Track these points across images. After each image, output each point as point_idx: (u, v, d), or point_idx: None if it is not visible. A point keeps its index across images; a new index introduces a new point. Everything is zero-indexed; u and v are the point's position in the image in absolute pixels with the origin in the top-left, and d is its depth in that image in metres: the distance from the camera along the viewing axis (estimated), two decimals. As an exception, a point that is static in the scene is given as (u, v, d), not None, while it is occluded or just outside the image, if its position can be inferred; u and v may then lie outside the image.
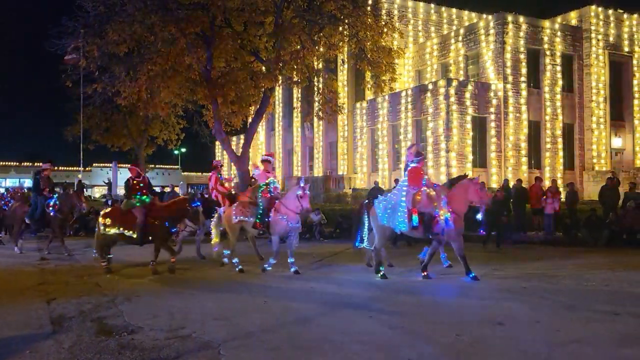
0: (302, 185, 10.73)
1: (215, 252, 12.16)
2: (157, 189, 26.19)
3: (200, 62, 21.94)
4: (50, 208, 14.22)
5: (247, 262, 11.76)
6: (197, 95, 23.53)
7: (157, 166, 64.59)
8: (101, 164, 65.15)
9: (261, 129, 38.92)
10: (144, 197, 11.10)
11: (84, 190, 35.51)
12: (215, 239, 12.19)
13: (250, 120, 26.43)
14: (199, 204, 11.78)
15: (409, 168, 10.08)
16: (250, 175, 15.86)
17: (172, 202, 11.72)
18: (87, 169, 59.41)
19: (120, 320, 7.05)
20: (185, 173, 75.48)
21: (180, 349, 5.75)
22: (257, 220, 11.00)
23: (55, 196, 14.56)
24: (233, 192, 13.88)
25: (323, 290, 9.21)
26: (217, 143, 41.27)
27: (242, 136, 35.81)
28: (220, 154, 46.16)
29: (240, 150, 26.14)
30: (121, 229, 10.78)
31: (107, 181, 40.60)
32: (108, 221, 10.87)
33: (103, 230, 10.95)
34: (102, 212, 11.27)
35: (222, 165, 15.45)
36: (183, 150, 66.33)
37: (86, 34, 21.80)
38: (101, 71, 23.64)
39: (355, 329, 6.51)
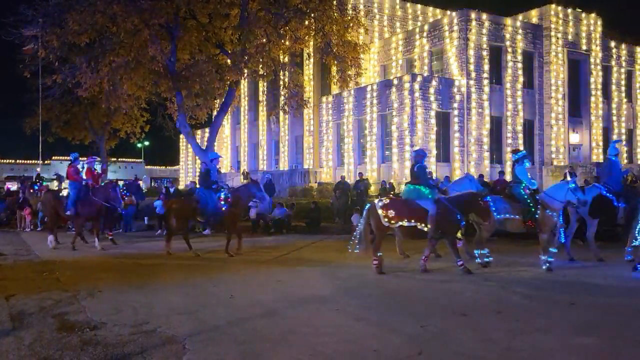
0: None
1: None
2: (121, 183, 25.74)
3: (164, 54, 21.59)
4: (222, 202, 12.75)
5: (210, 256, 11.69)
6: (161, 88, 23.15)
7: (120, 159, 63.40)
8: (61, 157, 63.58)
9: (226, 122, 38.58)
10: (425, 189, 10.22)
11: (42, 183, 34.62)
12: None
13: (215, 113, 26.16)
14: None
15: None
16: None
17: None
18: (46, 162, 57.86)
19: (83, 316, 6.93)
20: (149, 167, 74.33)
21: (144, 344, 5.69)
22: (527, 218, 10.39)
23: (223, 189, 13.13)
24: None
25: (289, 283, 9.23)
26: (182, 136, 40.78)
27: (207, 129, 35.45)
28: (184, 147, 45.65)
29: (206, 143, 25.87)
30: (412, 221, 9.95)
31: (55, 176, 39.54)
32: (391, 213, 9.98)
33: (387, 223, 10.02)
34: (380, 204, 10.08)
35: None
36: (146, 143, 65.21)
37: (45, 23, 21.18)
38: (61, 62, 23.02)
39: (322, 322, 6.56)
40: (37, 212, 23.44)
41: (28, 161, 59.07)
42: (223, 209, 12.68)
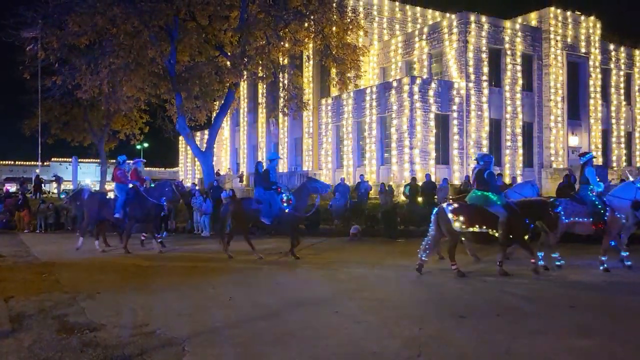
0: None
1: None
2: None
3: (164, 56, 21.65)
4: (285, 204, 12.48)
5: (214, 258, 11.70)
6: (161, 90, 23.21)
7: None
8: (60, 159, 63.56)
9: (226, 124, 38.60)
10: (493, 195, 10.07)
11: (42, 185, 34.66)
12: None
13: (214, 115, 26.18)
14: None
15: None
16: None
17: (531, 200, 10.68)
18: (45, 163, 57.82)
19: (82, 317, 6.93)
20: (148, 168, 74.28)
21: (144, 346, 5.69)
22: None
23: (283, 191, 12.75)
24: None
25: (288, 285, 9.24)
26: (181, 138, 40.78)
27: (206, 131, 35.45)
28: (184, 149, 45.64)
29: (205, 145, 25.88)
30: (484, 227, 9.86)
31: (54, 177, 39.52)
32: (462, 218, 9.89)
33: (458, 228, 9.91)
34: (450, 208, 10.02)
35: None
36: (146, 145, 65.15)
37: (45, 25, 21.22)
38: (61, 63, 23.07)
39: (321, 324, 6.56)
40: (35, 214, 23.49)
41: (27, 162, 59.01)
42: (286, 210, 12.41)
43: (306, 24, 22.72)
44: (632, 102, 33.81)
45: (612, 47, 32.83)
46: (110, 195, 14.80)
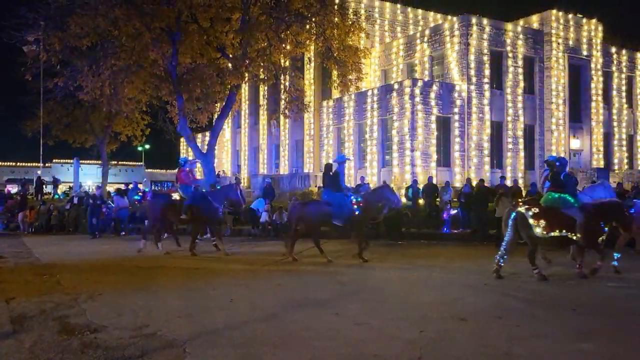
0: None
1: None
2: (121, 187, 25.80)
3: (166, 58, 21.65)
4: (355, 206, 12.38)
5: (214, 259, 11.70)
6: (162, 91, 23.20)
7: (120, 163, 63.36)
8: (62, 160, 63.57)
9: (227, 126, 38.61)
10: (570, 197, 9.95)
11: (44, 187, 34.69)
12: None
13: (216, 117, 26.20)
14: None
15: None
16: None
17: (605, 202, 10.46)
18: (46, 165, 57.83)
19: (83, 319, 6.93)
20: (149, 170, 74.34)
21: (145, 348, 5.69)
22: None
23: (352, 194, 12.68)
24: None
25: (289, 287, 9.23)
26: (182, 140, 40.78)
27: (207, 133, 35.44)
28: (185, 151, 45.66)
29: (206, 147, 25.90)
30: (564, 231, 9.69)
31: (52, 179, 39.38)
32: (542, 223, 9.69)
33: (539, 233, 9.74)
34: (530, 214, 9.78)
35: None
36: (147, 147, 65.23)
37: (47, 27, 21.24)
38: (62, 65, 23.09)
39: (322, 326, 6.55)
40: (37, 215, 23.51)
41: (29, 164, 59.00)
42: (356, 213, 12.28)
43: (308, 26, 22.73)
44: (634, 105, 33.81)
45: (613, 49, 32.84)
46: (175, 196, 14.45)
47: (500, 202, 15.62)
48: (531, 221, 9.74)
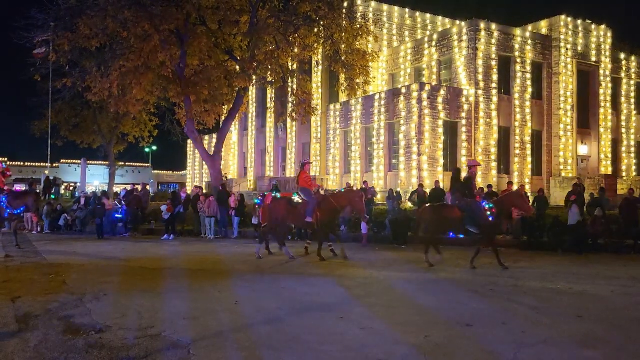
0: None
1: None
2: (128, 187, 25.85)
3: (174, 60, 21.74)
4: (489, 213, 12.13)
5: (220, 261, 11.71)
6: (170, 93, 23.28)
7: (127, 164, 63.65)
8: (69, 161, 63.93)
9: (234, 128, 38.72)
10: None
11: (52, 187, 34.79)
12: None
13: (223, 119, 26.27)
14: None
15: None
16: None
17: None
18: (54, 165, 58.14)
19: (88, 319, 6.96)
20: (156, 171, 74.63)
21: (149, 349, 5.70)
22: None
23: (483, 200, 12.50)
24: None
25: (294, 290, 9.22)
26: (189, 142, 40.91)
27: (214, 135, 35.56)
28: (192, 152, 45.80)
29: (213, 149, 25.96)
30: None
31: (52, 179, 39.36)
32: None
33: None
34: None
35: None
36: (154, 148, 65.48)
37: (57, 27, 21.37)
38: (71, 66, 23.22)
39: (326, 330, 6.54)
40: (42, 215, 23.57)
41: (36, 164, 59.34)
42: (490, 219, 12.08)
43: (316, 30, 22.77)
44: (643, 111, 33.62)
45: (622, 56, 32.70)
46: (297, 199, 14.10)
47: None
48: None
